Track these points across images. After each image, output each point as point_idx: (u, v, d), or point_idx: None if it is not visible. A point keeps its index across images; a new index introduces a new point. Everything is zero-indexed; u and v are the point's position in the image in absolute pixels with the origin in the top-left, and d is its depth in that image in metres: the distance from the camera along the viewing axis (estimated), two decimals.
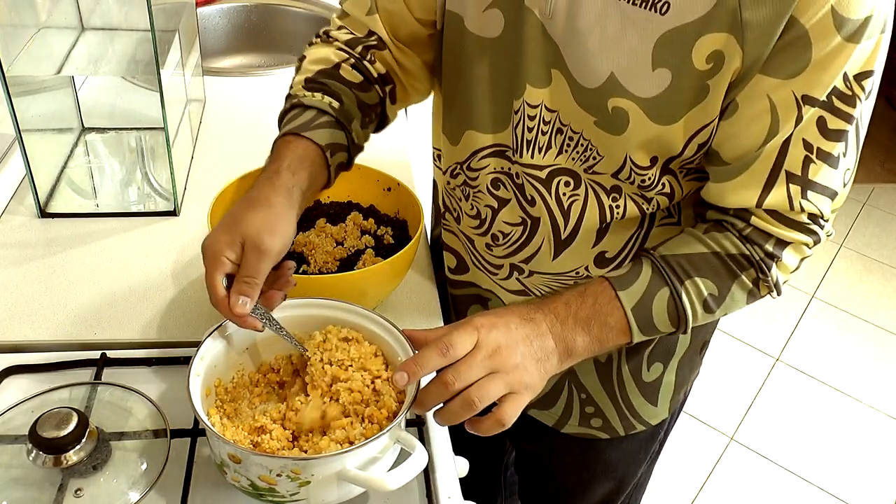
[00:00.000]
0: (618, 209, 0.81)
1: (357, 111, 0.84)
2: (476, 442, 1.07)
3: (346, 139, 0.82)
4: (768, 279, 0.76)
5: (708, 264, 0.76)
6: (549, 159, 0.81)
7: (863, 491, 2.08)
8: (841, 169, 0.73)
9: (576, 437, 1.02)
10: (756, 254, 0.76)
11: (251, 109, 1.40)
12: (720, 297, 0.77)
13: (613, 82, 0.72)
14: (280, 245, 0.70)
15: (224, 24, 1.77)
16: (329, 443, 0.69)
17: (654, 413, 1.00)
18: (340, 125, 0.81)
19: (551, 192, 0.83)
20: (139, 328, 0.92)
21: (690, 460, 2.13)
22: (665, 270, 0.76)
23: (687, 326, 0.77)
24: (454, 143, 0.89)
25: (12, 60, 0.97)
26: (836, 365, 2.48)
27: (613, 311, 0.75)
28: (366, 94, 0.86)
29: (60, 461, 0.69)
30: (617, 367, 0.95)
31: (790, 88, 0.68)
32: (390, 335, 0.77)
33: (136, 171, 1.21)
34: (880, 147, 3.66)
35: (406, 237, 1.00)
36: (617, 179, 0.79)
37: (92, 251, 1.03)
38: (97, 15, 1.13)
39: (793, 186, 0.72)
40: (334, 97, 0.82)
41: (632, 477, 1.11)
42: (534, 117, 0.80)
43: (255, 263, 0.69)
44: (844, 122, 0.70)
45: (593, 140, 0.78)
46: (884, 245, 3.06)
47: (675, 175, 0.78)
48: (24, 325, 0.91)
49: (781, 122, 0.70)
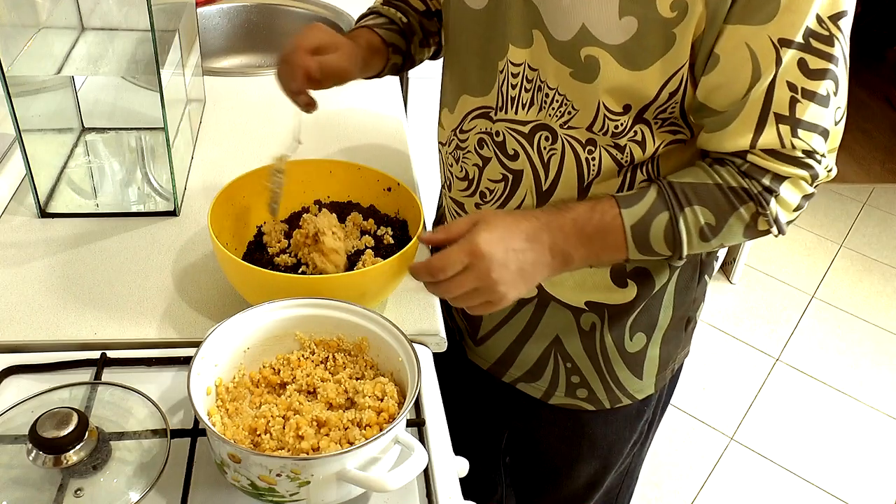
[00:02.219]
0: (594, 161, 0.86)
1: (420, 30, 1.05)
2: (474, 435, 1.12)
3: (406, 46, 1.03)
4: (767, 213, 0.80)
5: (710, 195, 0.80)
6: (531, 115, 0.87)
7: (863, 491, 2.08)
8: (831, 107, 0.77)
9: (562, 408, 1.06)
10: (754, 187, 0.79)
11: (251, 109, 1.40)
12: (717, 227, 0.81)
13: (584, 32, 0.78)
14: (343, 45, 0.92)
15: (224, 24, 1.77)
16: (329, 443, 0.69)
17: (640, 387, 1.04)
18: (404, 35, 1.03)
19: (533, 147, 0.89)
20: (139, 328, 0.92)
21: (690, 460, 2.13)
22: (668, 195, 0.81)
23: (682, 252, 0.82)
24: (451, 111, 0.97)
25: (12, 60, 0.97)
26: (836, 365, 2.48)
27: (615, 227, 0.81)
28: (428, 22, 1.06)
29: (60, 461, 0.69)
30: (600, 335, 0.99)
31: (766, 33, 0.73)
32: (390, 335, 0.77)
33: (136, 171, 1.21)
34: (880, 147, 3.66)
35: (406, 237, 1.00)
36: (591, 132, 0.84)
37: (92, 251, 1.03)
38: (97, 15, 1.13)
39: (782, 126, 0.76)
40: (404, 14, 1.04)
41: (617, 456, 1.13)
42: (517, 75, 0.86)
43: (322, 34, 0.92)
44: (826, 62, 0.75)
45: (568, 94, 0.83)
46: (884, 245, 3.06)
47: (650, 125, 0.83)
48: (24, 325, 0.91)
49: (763, 66, 0.74)
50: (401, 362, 0.76)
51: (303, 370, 0.78)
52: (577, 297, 0.96)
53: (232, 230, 0.98)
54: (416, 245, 0.91)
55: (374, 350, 0.80)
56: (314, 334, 0.81)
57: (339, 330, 0.81)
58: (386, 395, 0.74)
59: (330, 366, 0.80)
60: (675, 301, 0.99)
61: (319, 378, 0.78)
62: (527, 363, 1.04)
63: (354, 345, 0.80)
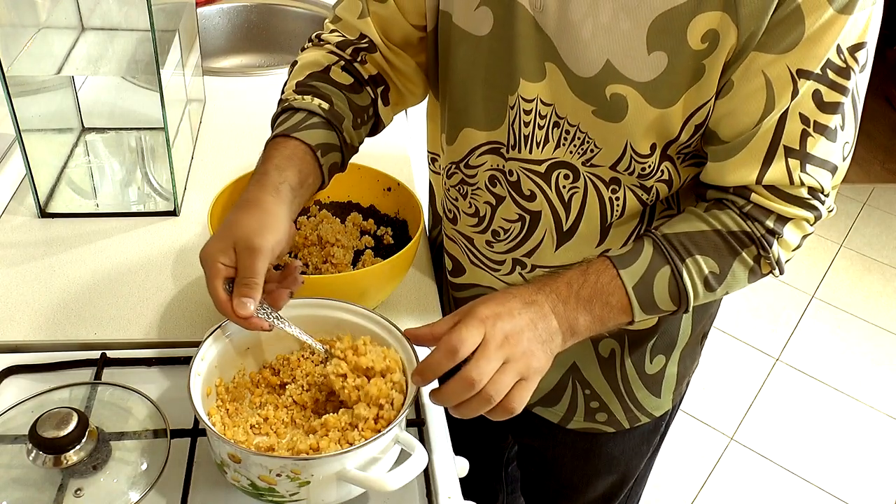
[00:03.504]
0: (618, 201, 0.82)
1: (348, 112, 0.84)
2: (476, 440, 1.09)
3: (338, 139, 0.82)
4: (770, 256, 0.77)
5: (709, 242, 0.76)
6: (547, 153, 0.82)
7: (863, 491, 2.08)
8: (840, 142, 0.74)
9: (580, 432, 1.03)
10: (757, 230, 0.76)
11: (251, 109, 1.40)
12: (721, 274, 0.77)
13: (610, 69, 0.73)
14: (272, 242, 0.69)
15: (224, 24, 1.77)
16: (329, 443, 0.69)
17: (658, 405, 1.01)
18: (331, 125, 0.82)
19: (551, 186, 0.83)
20: (139, 328, 0.92)
21: (690, 460, 2.13)
22: (666, 249, 0.76)
23: (688, 305, 0.77)
24: (451, 143, 0.90)
25: (12, 60, 0.97)
26: (836, 365, 2.48)
27: (615, 290, 0.75)
28: (357, 96, 0.87)
29: (60, 461, 0.69)
30: (620, 361, 0.95)
31: (784, 63, 0.69)
32: (390, 335, 0.77)
33: (136, 171, 1.21)
34: (880, 147, 3.66)
35: (406, 237, 1.00)
36: (615, 171, 0.80)
37: (92, 251, 1.03)
38: (97, 15, 1.13)
39: (791, 160, 0.73)
40: (324, 99, 0.83)
41: (634, 470, 1.12)
42: (529, 112, 0.80)
43: (250, 264, 0.68)
44: (840, 95, 0.71)
45: (591, 132, 0.78)
46: (884, 245, 3.06)
47: (674, 161, 0.79)
48: (24, 325, 0.91)
49: (777, 97, 0.71)
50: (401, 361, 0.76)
51: (303, 370, 0.78)
52: None
53: None
54: (416, 245, 0.91)
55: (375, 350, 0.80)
56: (314, 334, 0.81)
57: (339, 330, 0.80)
58: (389, 371, 0.73)
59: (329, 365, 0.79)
60: (694, 319, 0.96)
61: (319, 378, 0.78)
62: (544, 389, 1.00)
63: None
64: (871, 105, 3.94)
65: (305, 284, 0.83)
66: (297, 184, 0.76)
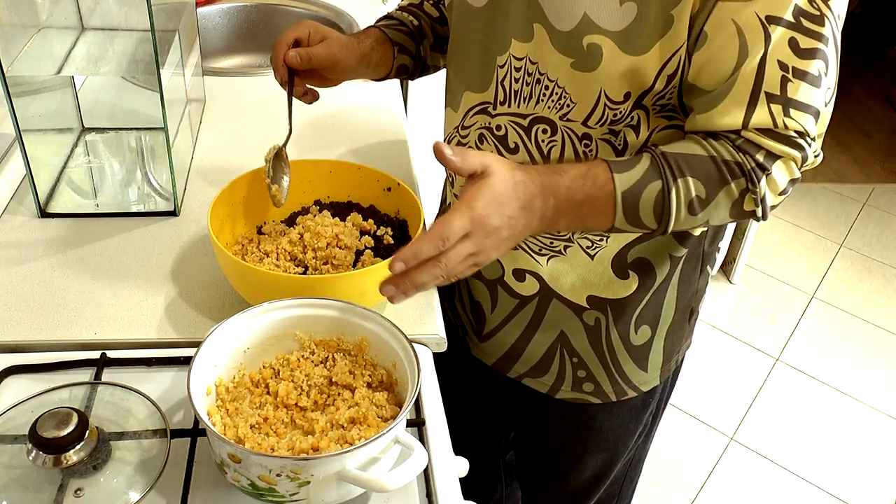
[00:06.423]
0: (591, 153, 0.87)
1: (431, 34, 1.08)
2: (475, 434, 1.11)
3: (415, 48, 1.06)
4: (756, 192, 0.79)
5: (702, 166, 0.79)
6: (529, 108, 0.88)
7: (863, 491, 2.08)
8: (822, 88, 0.77)
9: (569, 402, 1.06)
10: (748, 163, 0.79)
11: (251, 109, 1.40)
12: (706, 200, 0.80)
13: (587, 21, 0.79)
14: (336, 37, 0.97)
15: (224, 24, 1.77)
16: (329, 443, 0.69)
17: (645, 379, 1.04)
18: (413, 38, 1.06)
19: (531, 139, 0.90)
20: (139, 328, 0.92)
21: (690, 460, 2.13)
22: (662, 165, 0.79)
23: (668, 225, 0.80)
24: (455, 109, 0.98)
25: (12, 60, 0.97)
26: (836, 365, 2.48)
27: (605, 193, 0.79)
28: (441, 27, 1.08)
29: (60, 461, 0.69)
30: (606, 330, 0.99)
31: (752, 10, 0.73)
32: (390, 335, 0.77)
33: (136, 171, 1.21)
34: (880, 147, 3.66)
35: (406, 237, 1.00)
36: (587, 126, 0.85)
37: (92, 251, 1.03)
38: (97, 15, 1.13)
39: (774, 106, 0.76)
40: (416, 18, 1.07)
41: (623, 448, 1.14)
42: (519, 69, 0.88)
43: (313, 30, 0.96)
44: (816, 41, 0.75)
45: (568, 86, 0.84)
46: (884, 245, 3.06)
47: (647, 111, 0.83)
48: (24, 325, 0.91)
49: (750, 44, 0.75)
50: (401, 362, 0.76)
51: (303, 370, 0.78)
52: (578, 294, 0.97)
53: (232, 230, 0.98)
54: None
55: (374, 350, 0.80)
56: (314, 334, 0.81)
57: (339, 330, 0.81)
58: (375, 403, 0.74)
59: (330, 366, 0.80)
60: (679, 293, 0.99)
61: (319, 378, 0.78)
62: (533, 358, 1.04)
63: (354, 345, 0.80)
64: (871, 105, 3.95)
65: (306, 284, 0.84)
66: (370, 50, 1.00)
